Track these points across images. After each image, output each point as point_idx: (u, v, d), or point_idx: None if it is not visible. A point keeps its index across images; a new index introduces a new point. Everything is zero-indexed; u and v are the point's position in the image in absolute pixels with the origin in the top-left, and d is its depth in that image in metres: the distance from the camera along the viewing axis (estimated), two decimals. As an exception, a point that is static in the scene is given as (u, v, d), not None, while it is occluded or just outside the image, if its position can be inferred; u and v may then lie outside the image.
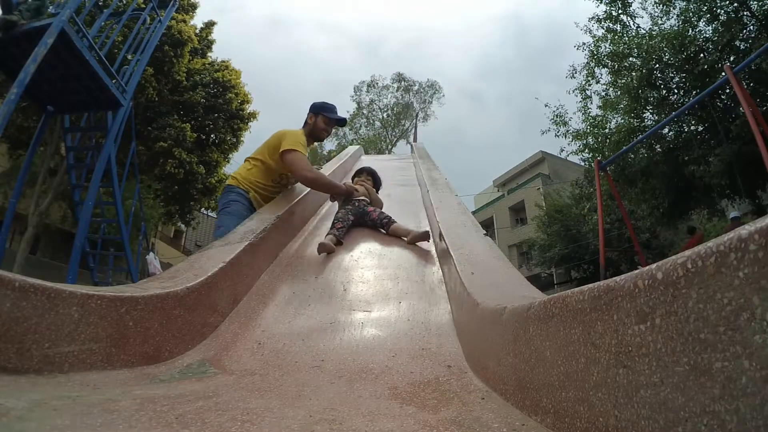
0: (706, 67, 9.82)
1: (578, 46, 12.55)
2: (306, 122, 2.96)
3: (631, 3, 11.74)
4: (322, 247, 2.32)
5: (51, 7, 4.28)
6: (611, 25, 11.95)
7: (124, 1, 6.85)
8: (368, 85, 29.73)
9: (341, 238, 2.48)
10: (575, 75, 12.84)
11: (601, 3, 11.88)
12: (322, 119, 2.92)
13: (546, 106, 13.13)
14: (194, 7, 13.11)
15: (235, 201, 2.63)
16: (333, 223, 2.60)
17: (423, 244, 2.66)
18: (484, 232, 2.36)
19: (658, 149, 10.99)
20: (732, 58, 9.53)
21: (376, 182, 3.27)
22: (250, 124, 14.03)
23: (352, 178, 3.23)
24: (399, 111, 29.25)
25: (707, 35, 10.36)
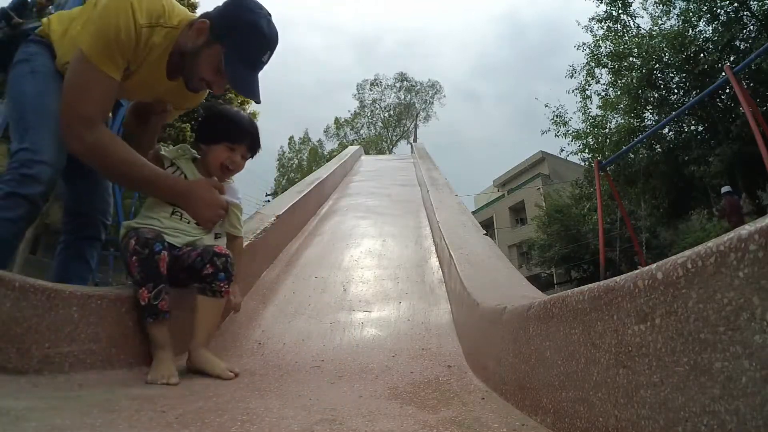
0: (706, 67, 9.84)
1: (578, 46, 12.57)
2: (192, 25, 1.25)
3: (632, 3, 11.77)
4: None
5: (51, 7, 4.26)
6: (612, 24, 11.97)
7: (124, 1, 6.85)
8: (371, 84, 29.79)
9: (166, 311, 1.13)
10: (575, 75, 12.86)
11: (601, 3, 11.90)
12: (217, 53, 1.23)
13: (546, 106, 13.16)
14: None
15: (39, 54, 1.32)
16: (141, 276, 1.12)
17: (423, 243, 2.66)
18: (484, 232, 2.37)
19: (658, 149, 11.00)
20: (732, 58, 9.54)
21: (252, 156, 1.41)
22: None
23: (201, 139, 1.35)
24: (400, 111, 29.27)
25: (707, 35, 10.38)
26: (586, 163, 12.61)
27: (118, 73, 1.20)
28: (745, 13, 9.94)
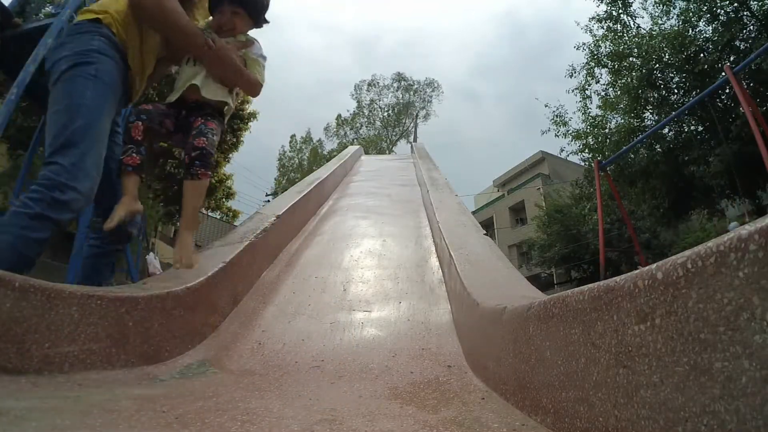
0: (706, 67, 9.83)
1: (578, 47, 12.56)
2: None
3: (632, 3, 11.76)
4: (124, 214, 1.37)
5: (51, 7, 4.26)
6: (611, 24, 11.96)
7: (124, 1, 6.85)
8: (369, 84, 29.78)
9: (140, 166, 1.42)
10: (575, 75, 12.85)
11: (601, 3, 11.89)
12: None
13: (546, 106, 13.15)
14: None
15: (105, 55, 1.33)
16: (131, 125, 1.42)
17: (423, 243, 2.66)
18: (484, 232, 2.37)
19: (658, 149, 10.99)
20: (732, 58, 9.53)
21: (252, 12, 1.59)
22: (249, 124, 14.02)
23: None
24: (399, 110, 29.26)
25: (707, 35, 10.36)
26: (586, 163, 12.60)
27: None
28: (745, 13, 9.93)
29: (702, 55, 10.18)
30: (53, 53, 1.33)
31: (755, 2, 9.79)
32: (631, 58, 11.41)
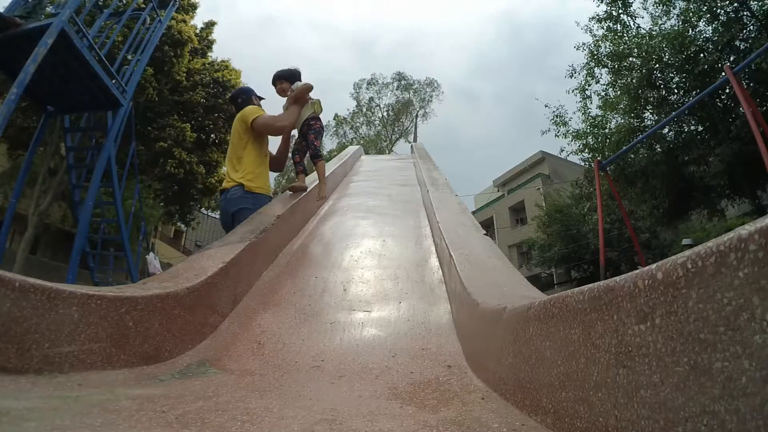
0: (706, 67, 9.82)
1: (578, 47, 12.55)
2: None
3: (632, 3, 11.75)
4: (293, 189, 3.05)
5: (51, 7, 4.27)
6: (612, 24, 11.95)
7: (124, 1, 6.86)
8: (368, 83, 29.74)
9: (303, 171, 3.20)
10: (574, 75, 12.84)
11: (601, 3, 11.88)
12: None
13: (546, 106, 13.14)
14: (194, 7, 13.11)
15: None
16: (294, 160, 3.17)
17: (423, 243, 2.66)
18: (484, 232, 2.36)
19: (658, 149, 10.99)
20: (732, 58, 9.52)
21: (288, 78, 3.07)
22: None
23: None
24: (399, 109, 29.22)
25: (707, 35, 10.36)
26: (586, 163, 12.59)
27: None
28: (745, 13, 9.92)
29: (702, 55, 10.17)
30: (239, 201, 2.64)
31: (755, 2, 9.78)
32: (631, 58, 11.40)
